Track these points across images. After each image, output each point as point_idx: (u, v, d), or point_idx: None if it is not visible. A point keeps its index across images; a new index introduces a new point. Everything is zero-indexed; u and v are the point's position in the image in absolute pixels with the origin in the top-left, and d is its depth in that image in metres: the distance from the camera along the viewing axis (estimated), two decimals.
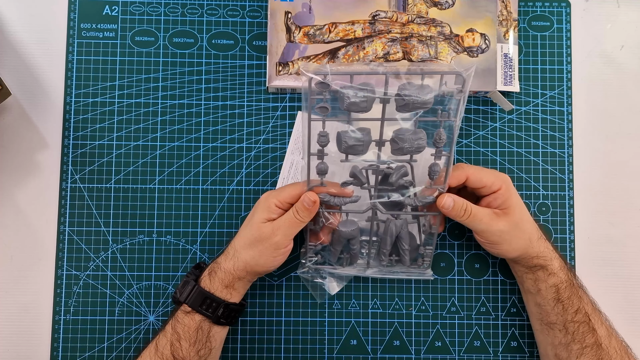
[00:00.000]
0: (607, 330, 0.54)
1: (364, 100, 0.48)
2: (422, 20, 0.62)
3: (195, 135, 0.63)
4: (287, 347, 0.61)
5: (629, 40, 0.66)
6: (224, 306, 0.53)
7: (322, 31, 0.61)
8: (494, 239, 0.53)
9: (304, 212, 0.53)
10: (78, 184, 0.62)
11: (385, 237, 0.56)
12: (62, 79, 0.63)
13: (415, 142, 0.50)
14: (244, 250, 0.53)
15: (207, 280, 0.53)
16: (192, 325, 0.52)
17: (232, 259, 0.53)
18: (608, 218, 0.64)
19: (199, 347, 0.52)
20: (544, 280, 0.54)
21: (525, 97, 0.64)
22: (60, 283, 0.61)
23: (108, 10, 0.64)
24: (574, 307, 0.53)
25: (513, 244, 0.54)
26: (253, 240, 0.53)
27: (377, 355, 0.61)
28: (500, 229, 0.53)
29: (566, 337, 0.53)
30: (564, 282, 0.54)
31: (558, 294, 0.54)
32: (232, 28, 0.64)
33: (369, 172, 0.54)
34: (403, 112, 0.49)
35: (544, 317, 0.55)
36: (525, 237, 0.54)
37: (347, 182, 0.54)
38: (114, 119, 0.62)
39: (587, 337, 0.53)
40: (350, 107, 0.49)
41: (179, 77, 0.63)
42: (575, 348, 0.53)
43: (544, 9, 0.66)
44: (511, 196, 0.53)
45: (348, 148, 0.51)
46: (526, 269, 0.55)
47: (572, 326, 0.53)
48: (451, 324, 0.62)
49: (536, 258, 0.54)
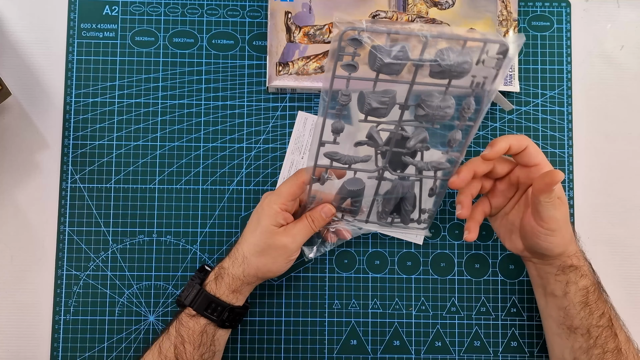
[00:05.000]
0: (626, 336, 0.53)
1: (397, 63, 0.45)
2: (422, 20, 0.62)
3: (195, 135, 0.63)
4: (287, 347, 0.61)
5: (629, 40, 0.66)
6: (230, 310, 0.53)
7: (322, 31, 0.61)
8: (556, 227, 0.50)
9: (320, 221, 0.53)
10: (78, 184, 0.62)
11: (390, 197, 0.54)
12: (62, 79, 0.63)
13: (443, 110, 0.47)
14: (255, 257, 0.52)
15: (213, 285, 0.53)
16: (196, 328, 0.52)
17: (242, 266, 0.53)
18: (608, 218, 0.64)
19: (203, 351, 0.52)
20: (575, 283, 0.52)
21: (525, 97, 0.64)
22: (60, 283, 0.61)
23: (108, 10, 0.64)
24: (599, 311, 0.52)
25: (564, 237, 0.51)
26: (265, 247, 0.52)
27: (377, 355, 0.61)
28: (563, 217, 0.50)
29: (588, 342, 0.52)
30: (594, 284, 0.52)
31: (587, 297, 0.52)
32: (232, 28, 0.64)
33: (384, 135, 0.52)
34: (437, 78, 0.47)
35: (567, 321, 0.53)
36: (570, 231, 0.52)
37: (361, 142, 0.52)
38: (114, 119, 0.62)
39: (609, 342, 0.51)
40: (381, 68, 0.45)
41: (179, 77, 0.63)
42: (596, 352, 0.51)
43: (544, 9, 0.66)
44: (561, 188, 0.51)
45: (371, 110, 0.48)
46: (558, 270, 0.53)
47: (595, 331, 0.51)
48: (451, 324, 0.62)
49: (574, 257, 0.52)
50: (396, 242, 0.63)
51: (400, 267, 0.62)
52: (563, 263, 0.53)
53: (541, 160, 0.51)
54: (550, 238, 0.51)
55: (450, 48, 0.46)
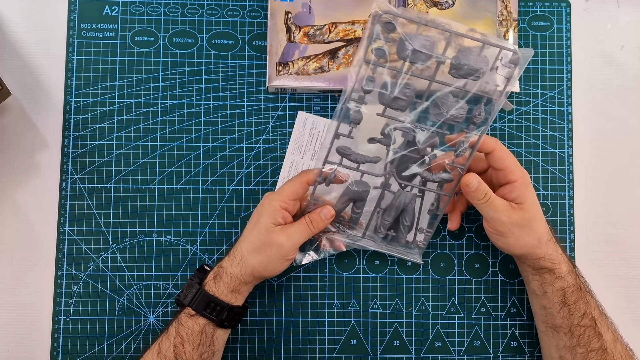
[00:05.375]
0: (612, 335, 0.53)
1: (424, 54, 0.47)
2: None
3: (195, 135, 0.63)
4: (287, 347, 0.61)
5: (629, 40, 0.66)
6: (228, 310, 0.53)
7: (322, 31, 0.61)
8: (503, 230, 0.53)
9: (319, 223, 0.54)
10: (78, 184, 0.62)
11: (391, 207, 0.55)
12: (62, 79, 0.63)
13: (456, 111, 0.50)
14: (252, 256, 0.53)
15: (212, 284, 0.53)
16: (196, 328, 0.52)
17: (239, 264, 0.53)
18: (608, 218, 0.64)
19: (202, 350, 0.52)
20: (550, 284, 0.54)
21: (525, 97, 0.64)
22: (60, 283, 0.61)
23: (108, 10, 0.64)
24: (580, 312, 0.53)
25: (520, 240, 0.53)
26: (261, 245, 0.52)
27: (377, 355, 0.61)
28: (512, 222, 0.52)
29: (571, 341, 0.53)
30: (572, 286, 0.53)
31: (564, 297, 0.53)
32: (232, 28, 0.64)
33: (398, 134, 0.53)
34: (455, 76, 0.49)
35: (549, 320, 0.55)
36: (535, 236, 0.53)
37: (374, 139, 0.53)
38: (114, 119, 0.62)
39: (593, 342, 0.52)
40: (409, 57, 0.47)
41: (179, 77, 0.63)
42: (580, 352, 0.52)
43: (544, 9, 0.66)
44: (527, 192, 0.53)
45: (391, 101, 0.49)
46: (533, 270, 0.55)
47: (577, 330, 0.53)
48: (451, 324, 0.62)
49: (543, 260, 0.53)
50: None
51: (400, 267, 0.62)
52: (534, 264, 0.54)
53: (508, 166, 0.53)
54: (501, 238, 0.54)
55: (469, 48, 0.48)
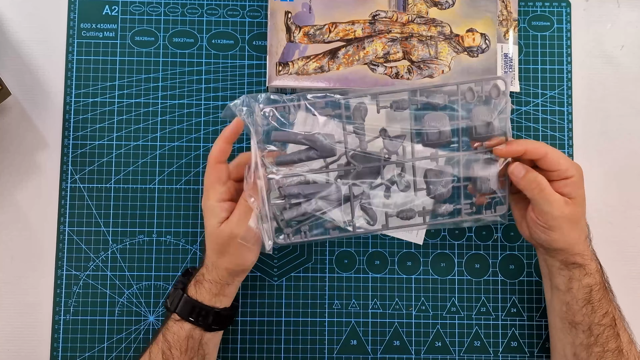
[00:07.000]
0: (629, 337, 0.53)
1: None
2: (422, 20, 0.62)
3: (195, 135, 0.63)
4: (287, 347, 0.61)
5: (629, 40, 0.66)
6: (214, 314, 0.52)
7: (322, 31, 0.61)
8: (553, 224, 0.52)
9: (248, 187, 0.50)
10: (78, 184, 0.62)
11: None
12: (62, 79, 0.63)
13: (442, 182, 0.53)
14: (220, 260, 0.52)
15: (193, 290, 0.53)
16: (181, 333, 0.51)
17: (214, 271, 0.52)
18: (608, 218, 0.64)
19: (191, 355, 0.51)
20: (578, 280, 0.53)
21: (525, 97, 0.64)
22: (60, 283, 0.61)
23: (108, 10, 0.64)
24: (602, 310, 0.52)
25: (566, 235, 0.52)
26: (220, 247, 0.51)
27: (377, 355, 0.61)
28: (564, 217, 0.51)
29: (589, 339, 0.52)
30: (598, 284, 0.53)
31: (590, 295, 0.53)
32: (232, 28, 0.64)
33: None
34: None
35: (569, 316, 0.54)
36: (579, 233, 0.53)
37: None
38: (114, 119, 0.62)
39: (610, 342, 0.52)
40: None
41: (179, 77, 0.63)
42: (596, 350, 0.52)
43: (544, 9, 0.66)
44: (581, 188, 0.52)
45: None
46: (562, 265, 0.54)
47: (597, 329, 0.52)
48: (451, 324, 0.62)
49: (578, 255, 0.53)
50: (396, 242, 0.63)
51: (400, 267, 0.62)
52: (566, 259, 0.53)
53: (561, 166, 0.51)
54: (548, 232, 0.52)
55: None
